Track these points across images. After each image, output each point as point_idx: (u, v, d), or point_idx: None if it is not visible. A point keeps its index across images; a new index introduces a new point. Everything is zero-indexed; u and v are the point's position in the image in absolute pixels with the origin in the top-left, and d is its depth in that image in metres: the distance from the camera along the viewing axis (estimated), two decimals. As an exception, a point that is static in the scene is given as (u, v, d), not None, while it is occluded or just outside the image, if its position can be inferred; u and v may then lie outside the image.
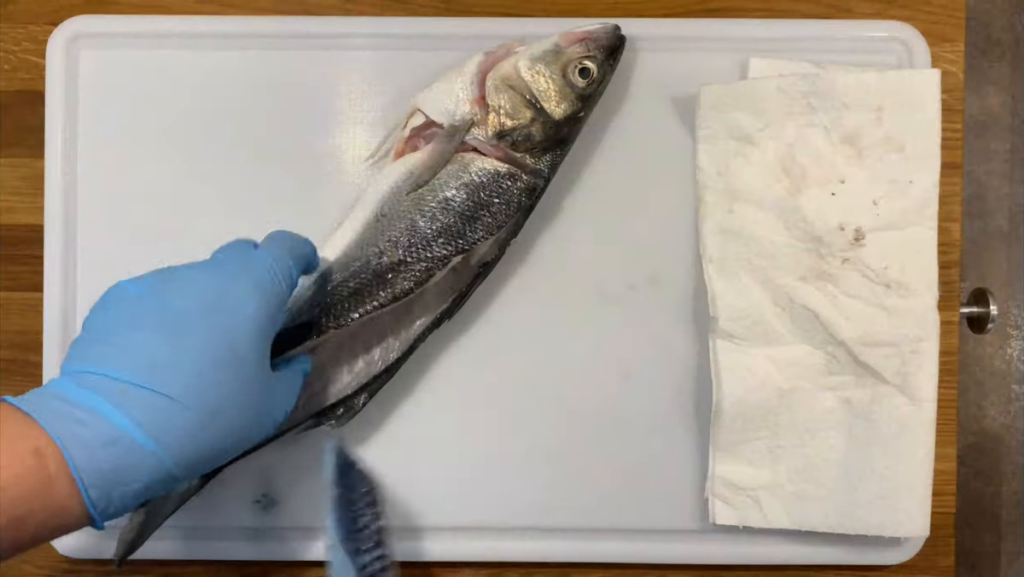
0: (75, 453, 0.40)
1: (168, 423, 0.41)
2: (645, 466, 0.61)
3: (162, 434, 0.41)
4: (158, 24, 0.62)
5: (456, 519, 0.61)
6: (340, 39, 0.62)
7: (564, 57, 0.56)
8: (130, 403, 0.41)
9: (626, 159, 0.62)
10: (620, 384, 0.61)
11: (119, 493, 0.41)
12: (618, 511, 0.61)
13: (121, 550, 0.55)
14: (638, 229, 0.62)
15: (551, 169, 0.58)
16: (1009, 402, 1.21)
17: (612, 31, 0.57)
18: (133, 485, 0.41)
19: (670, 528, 0.61)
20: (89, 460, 0.40)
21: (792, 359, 0.59)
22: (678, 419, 0.61)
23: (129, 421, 0.41)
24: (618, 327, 0.61)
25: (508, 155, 0.56)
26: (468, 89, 0.56)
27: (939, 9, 0.63)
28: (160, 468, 0.42)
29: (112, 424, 0.40)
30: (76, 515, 0.41)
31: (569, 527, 0.61)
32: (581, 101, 0.56)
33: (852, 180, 0.58)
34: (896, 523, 0.58)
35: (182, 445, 0.42)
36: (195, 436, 0.42)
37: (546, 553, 0.61)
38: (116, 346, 0.42)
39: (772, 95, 0.58)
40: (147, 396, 0.41)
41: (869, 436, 0.58)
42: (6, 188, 0.63)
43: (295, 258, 0.50)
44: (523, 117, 0.56)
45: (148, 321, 0.43)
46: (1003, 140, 1.22)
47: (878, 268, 0.58)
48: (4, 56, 0.63)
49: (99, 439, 0.40)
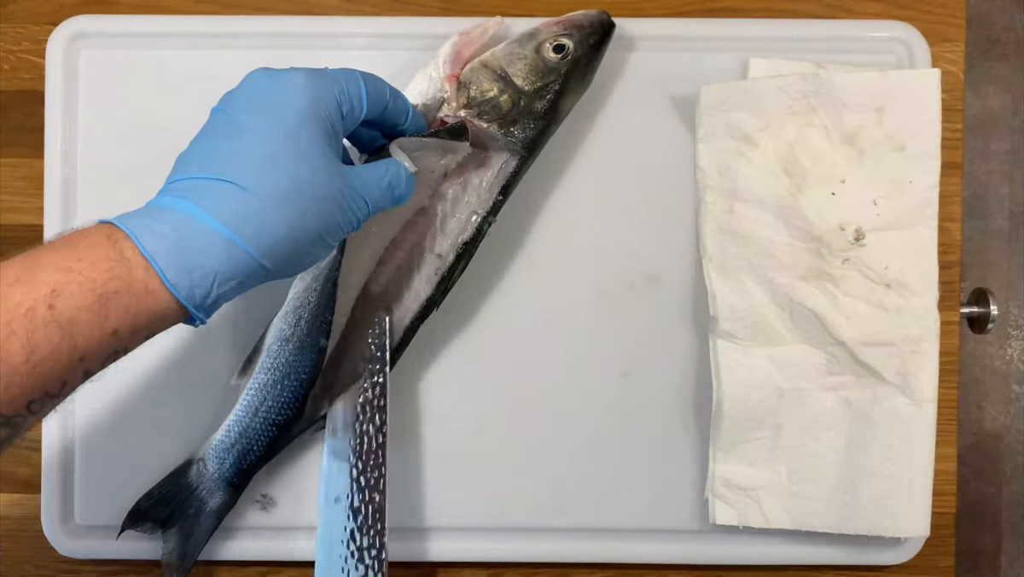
0: (145, 239, 0.41)
1: (232, 205, 0.42)
2: (645, 466, 0.61)
3: (228, 216, 0.42)
4: (158, 24, 0.62)
5: (456, 519, 0.61)
6: (340, 39, 0.62)
7: (540, 36, 0.56)
8: (193, 193, 0.43)
9: (626, 159, 0.62)
10: (620, 384, 0.61)
11: (200, 275, 0.42)
12: (618, 511, 0.61)
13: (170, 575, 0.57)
14: (638, 229, 0.62)
15: (526, 147, 0.57)
16: (1009, 402, 1.21)
17: (595, 15, 0.57)
18: (212, 266, 0.42)
19: (670, 528, 0.61)
20: (160, 243, 0.41)
21: (792, 359, 0.59)
22: (678, 419, 0.61)
23: (192, 204, 0.42)
24: (618, 327, 0.61)
25: (475, 126, 0.55)
26: (441, 68, 0.56)
27: (939, 9, 0.63)
28: (236, 251, 0.42)
29: (178, 212, 0.42)
30: (164, 302, 0.41)
31: (569, 527, 0.61)
32: (554, 75, 0.56)
33: (852, 180, 0.58)
34: (896, 523, 0.58)
35: (254, 228, 0.42)
36: (265, 219, 0.43)
37: (546, 553, 0.61)
38: (183, 158, 0.45)
39: (772, 95, 0.58)
40: (208, 184, 0.43)
41: (869, 436, 0.58)
42: (6, 188, 0.63)
43: (369, 84, 0.49)
44: (492, 90, 0.56)
45: (213, 128, 0.45)
46: (1003, 140, 1.22)
47: (878, 268, 0.58)
48: (4, 56, 0.63)
49: (168, 226, 0.41)
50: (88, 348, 0.40)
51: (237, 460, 0.57)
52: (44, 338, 0.38)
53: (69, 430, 0.61)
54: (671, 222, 0.61)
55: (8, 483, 0.63)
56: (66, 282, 0.39)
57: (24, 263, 0.39)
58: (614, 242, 0.61)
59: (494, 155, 0.56)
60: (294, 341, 0.55)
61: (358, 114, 0.48)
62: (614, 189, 0.62)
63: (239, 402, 0.57)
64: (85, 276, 0.39)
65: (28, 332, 0.38)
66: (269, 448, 0.57)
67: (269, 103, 0.45)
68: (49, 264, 0.39)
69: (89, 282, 0.39)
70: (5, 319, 0.37)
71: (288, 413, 0.56)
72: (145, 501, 0.57)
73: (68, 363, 0.39)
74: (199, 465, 0.57)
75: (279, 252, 0.44)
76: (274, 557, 0.61)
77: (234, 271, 0.43)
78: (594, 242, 0.62)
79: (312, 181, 0.44)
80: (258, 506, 0.61)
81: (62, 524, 0.61)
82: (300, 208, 0.44)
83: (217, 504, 0.57)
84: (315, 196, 0.44)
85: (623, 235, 0.62)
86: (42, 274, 0.39)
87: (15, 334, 0.38)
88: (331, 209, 0.45)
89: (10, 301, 0.38)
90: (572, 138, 0.61)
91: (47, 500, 0.61)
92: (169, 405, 0.61)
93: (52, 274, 0.39)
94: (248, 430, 0.56)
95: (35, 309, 0.38)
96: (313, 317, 0.55)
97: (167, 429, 0.60)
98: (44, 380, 0.39)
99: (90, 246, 0.40)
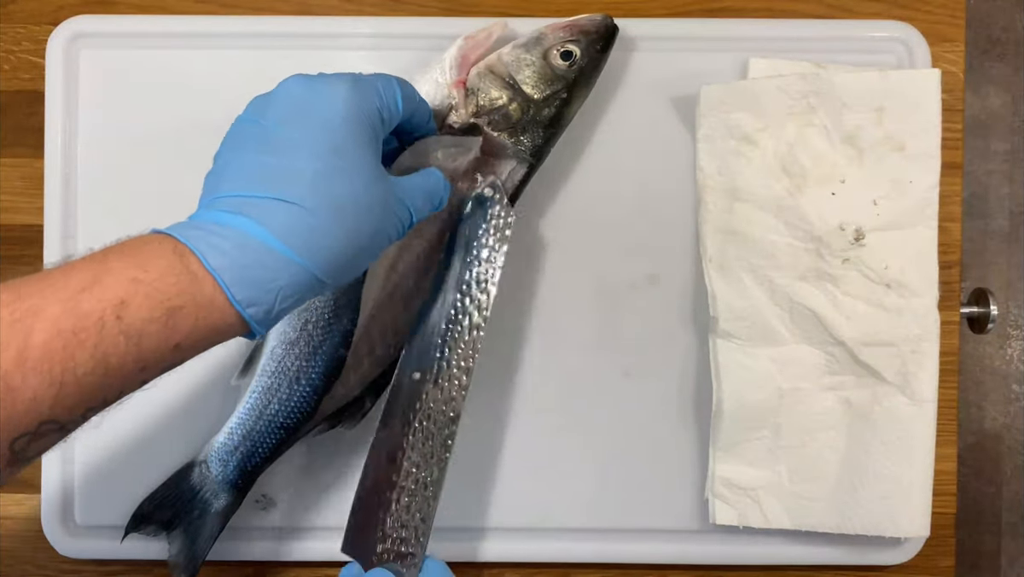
0: (209, 255, 0.41)
1: (289, 223, 0.42)
2: (645, 466, 0.61)
3: (287, 234, 0.42)
4: (158, 24, 0.62)
5: (455, 520, 0.61)
6: (340, 39, 0.62)
7: (547, 42, 0.56)
8: (248, 210, 0.42)
9: (626, 159, 0.62)
10: (621, 384, 0.61)
11: (264, 291, 0.42)
12: (618, 511, 0.61)
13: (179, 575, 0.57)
14: (638, 229, 0.62)
15: (533, 154, 0.57)
16: (1009, 402, 1.21)
17: (600, 20, 0.57)
18: (275, 283, 0.42)
19: (670, 528, 0.61)
20: (224, 259, 0.41)
21: (792, 359, 0.59)
22: (678, 419, 0.61)
23: (253, 223, 0.42)
24: (618, 327, 0.61)
25: (485, 133, 0.56)
26: (447, 73, 0.56)
27: (939, 9, 0.63)
28: (296, 268, 0.42)
29: (238, 229, 0.42)
30: (229, 317, 0.41)
31: (569, 527, 0.61)
32: (562, 83, 0.56)
33: (852, 180, 0.58)
34: (896, 523, 0.58)
35: (311, 245, 0.42)
36: (322, 235, 0.43)
37: (546, 553, 0.61)
38: (229, 170, 0.44)
39: (772, 95, 0.58)
40: (262, 203, 0.42)
41: (869, 436, 0.58)
42: (6, 188, 0.63)
43: (404, 89, 0.49)
44: (501, 98, 0.56)
45: (254, 139, 0.44)
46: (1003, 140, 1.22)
47: (878, 268, 0.58)
48: (4, 56, 0.63)
49: (229, 242, 0.41)
50: (151, 359, 0.39)
51: (241, 462, 0.56)
52: (112, 348, 0.38)
53: (69, 430, 0.61)
54: (671, 222, 0.61)
55: (8, 483, 0.63)
56: (135, 293, 0.38)
57: (90, 269, 0.39)
58: (614, 242, 0.61)
59: (503, 162, 0.56)
60: (300, 345, 0.55)
61: (396, 120, 0.49)
62: (614, 189, 0.62)
63: (242, 403, 0.56)
64: (154, 288, 0.39)
65: (96, 342, 0.37)
66: (274, 450, 0.57)
67: (312, 115, 0.44)
68: (116, 273, 0.39)
69: (158, 294, 0.39)
70: (74, 327, 0.37)
71: (297, 417, 0.56)
72: (148, 504, 0.57)
73: (131, 373, 0.39)
74: (202, 467, 0.57)
75: (335, 266, 0.44)
76: (274, 557, 0.61)
77: (295, 287, 0.43)
78: (594, 242, 0.62)
79: (365, 195, 0.44)
80: (258, 506, 0.61)
81: (62, 524, 0.61)
82: (355, 223, 0.44)
83: (221, 506, 0.57)
84: (369, 210, 0.44)
85: (623, 235, 0.62)
86: (110, 282, 0.38)
87: (84, 344, 0.37)
88: (382, 221, 0.45)
89: (79, 309, 0.37)
90: (572, 138, 0.61)
91: (47, 500, 0.61)
92: (169, 404, 0.61)
93: (120, 284, 0.38)
94: (252, 432, 0.56)
95: (104, 319, 0.38)
96: (327, 324, 0.54)
97: (167, 428, 0.60)
98: (106, 389, 0.39)
99: (156, 257, 0.40)
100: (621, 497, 0.61)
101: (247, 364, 0.57)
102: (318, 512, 0.61)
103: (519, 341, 0.61)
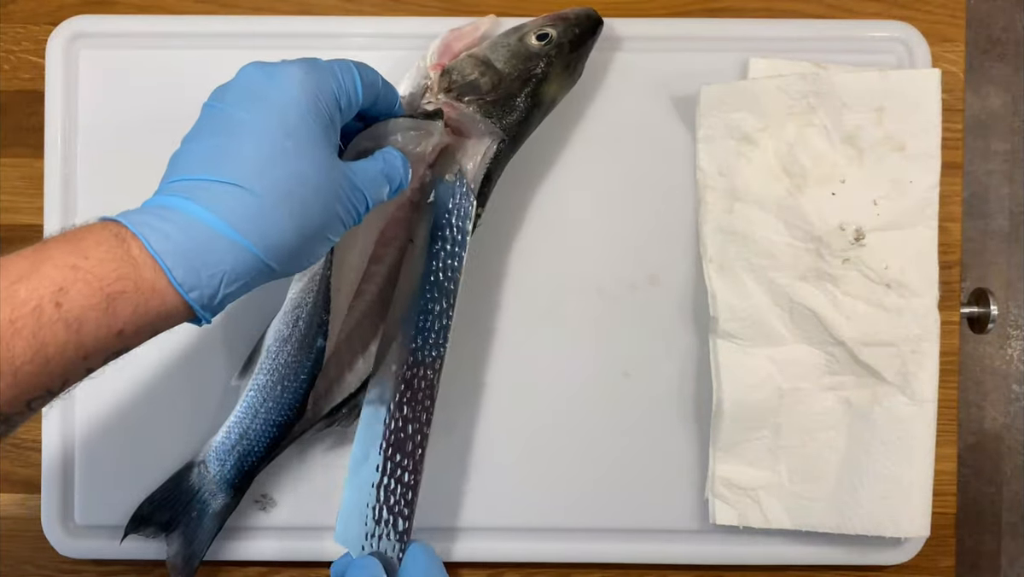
0: (153, 239, 0.40)
1: (236, 206, 0.42)
2: (645, 466, 0.61)
3: (234, 217, 0.42)
4: (158, 24, 0.62)
5: (456, 519, 0.61)
6: (340, 39, 0.62)
7: (526, 28, 0.57)
8: (196, 193, 0.42)
9: (626, 159, 0.62)
10: (620, 384, 0.61)
11: (208, 275, 0.41)
12: (618, 511, 0.61)
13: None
14: (638, 229, 0.62)
15: (506, 130, 0.56)
16: (1009, 402, 1.21)
17: (581, 10, 0.57)
18: (220, 267, 0.41)
19: (670, 528, 0.61)
20: (167, 243, 0.40)
21: (792, 359, 0.59)
22: (678, 419, 0.61)
23: (196, 205, 0.41)
24: (618, 327, 0.61)
25: (455, 109, 0.55)
26: (428, 59, 0.56)
27: (939, 9, 0.63)
28: (242, 252, 0.42)
29: (184, 213, 0.41)
30: (171, 302, 0.41)
31: (569, 527, 0.61)
32: (536, 60, 0.56)
33: (852, 180, 0.58)
34: (896, 523, 0.58)
35: (259, 229, 0.42)
36: (269, 219, 0.42)
37: (546, 553, 0.61)
38: (180, 157, 0.44)
39: (772, 95, 0.58)
40: (210, 186, 0.42)
41: (869, 436, 0.58)
42: (6, 188, 0.63)
43: (363, 74, 0.49)
44: (473, 73, 0.56)
45: (209, 125, 0.44)
46: (1003, 140, 1.22)
47: (878, 268, 0.58)
48: (4, 56, 0.63)
49: (174, 226, 0.41)
50: (93, 347, 0.39)
51: (238, 462, 0.56)
52: (51, 337, 0.38)
53: (69, 430, 0.61)
54: (671, 222, 0.61)
55: (8, 483, 0.63)
56: (73, 280, 0.38)
57: (29, 258, 0.39)
58: (614, 242, 0.61)
59: (475, 141, 0.56)
60: (292, 342, 0.55)
61: (356, 106, 0.48)
62: (614, 189, 0.62)
63: (239, 403, 0.57)
64: (93, 274, 0.39)
65: (34, 330, 0.37)
66: (270, 449, 0.57)
67: (266, 98, 0.44)
68: (55, 260, 0.39)
69: (97, 280, 0.39)
70: (11, 316, 0.37)
71: (289, 413, 0.56)
72: (147, 505, 0.57)
73: (72, 361, 0.39)
74: (200, 468, 0.57)
75: (284, 251, 0.43)
76: (274, 557, 0.61)
77: (240, 271, 0.42)
78: (594, 242, 0.62)
79: (314, 179, 0.44)
80: (258, 506, 0.61)
81: (62, 524, 0.61)
82: (303, 207, 0.43)
83: (219, 506, 0.57)
84: (318, 194, 0.44)
85: (623, 235, 0.62)
86: (48, 270, 0.38)
87: (21, 332, 0.37)
88: (333, 205, 0.45)
89: (16, 298, 0.37)
90: (572, 138, 0.61)
91: (47, 500, 0.61)
92: (169, 405, 0.61)
93: (59, 271, 0.38)
94: (249, 431, 0.56)
95: (42, 307, 0.37)
96: (310, 317, 0.55)
97: (167, 428, 0.60)
98: (48, 378, 0.38)
99: (96, 243, 0.40)
100: (621, 497, 0.61)
101: (246, 364, 0.57)
102: (318, 512, 0.61)
103: (519, 341, 0.61)
